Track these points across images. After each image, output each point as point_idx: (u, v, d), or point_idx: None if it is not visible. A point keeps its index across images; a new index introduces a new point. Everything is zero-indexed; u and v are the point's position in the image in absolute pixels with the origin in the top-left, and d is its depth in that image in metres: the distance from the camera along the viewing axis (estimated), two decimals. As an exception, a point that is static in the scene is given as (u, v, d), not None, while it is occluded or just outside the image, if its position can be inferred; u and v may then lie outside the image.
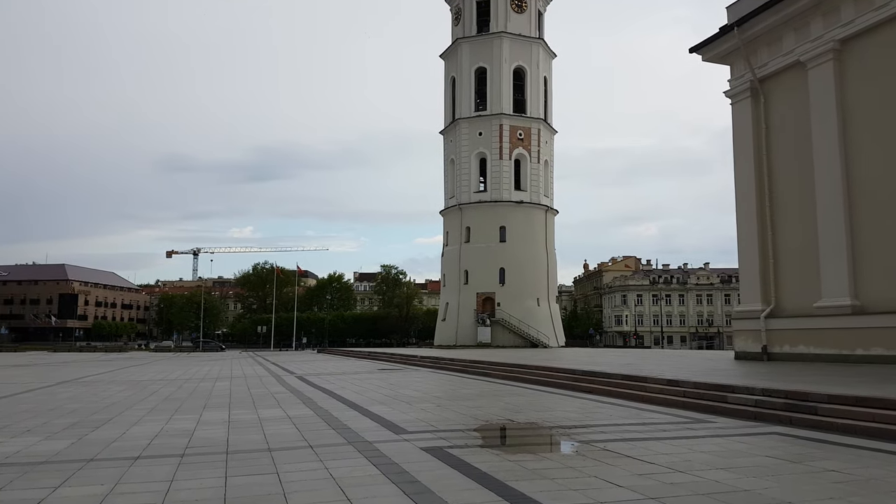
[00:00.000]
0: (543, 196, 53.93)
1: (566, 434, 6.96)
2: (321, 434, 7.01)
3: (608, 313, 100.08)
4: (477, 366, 18.38)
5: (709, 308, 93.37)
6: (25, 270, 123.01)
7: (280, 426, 7.72)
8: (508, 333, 50.28)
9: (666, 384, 10.33)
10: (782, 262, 18.47)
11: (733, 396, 9.01)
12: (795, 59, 17.90)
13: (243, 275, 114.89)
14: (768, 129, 19.13)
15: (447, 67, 56.98)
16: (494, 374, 16.18)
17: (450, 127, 55.72)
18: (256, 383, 15.94)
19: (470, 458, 5.51)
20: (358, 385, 14.40)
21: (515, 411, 8.89)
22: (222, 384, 15.77)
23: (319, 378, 17.42)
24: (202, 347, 73.11)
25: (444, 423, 7.80)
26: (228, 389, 13.92)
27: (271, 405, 10.27)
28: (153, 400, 11.56)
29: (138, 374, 20.72)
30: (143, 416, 8.96)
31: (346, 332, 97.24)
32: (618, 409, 9.01)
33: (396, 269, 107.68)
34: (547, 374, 13.82)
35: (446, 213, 56.11)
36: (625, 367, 14.64)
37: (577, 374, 12.76)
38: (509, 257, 51.47)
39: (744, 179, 19.65)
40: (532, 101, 53.30)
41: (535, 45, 53.65)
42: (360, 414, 8.78)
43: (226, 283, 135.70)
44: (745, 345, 19.18)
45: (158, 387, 15.16)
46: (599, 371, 12.45)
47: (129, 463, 5.53)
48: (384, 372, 19.50)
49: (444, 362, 21.61)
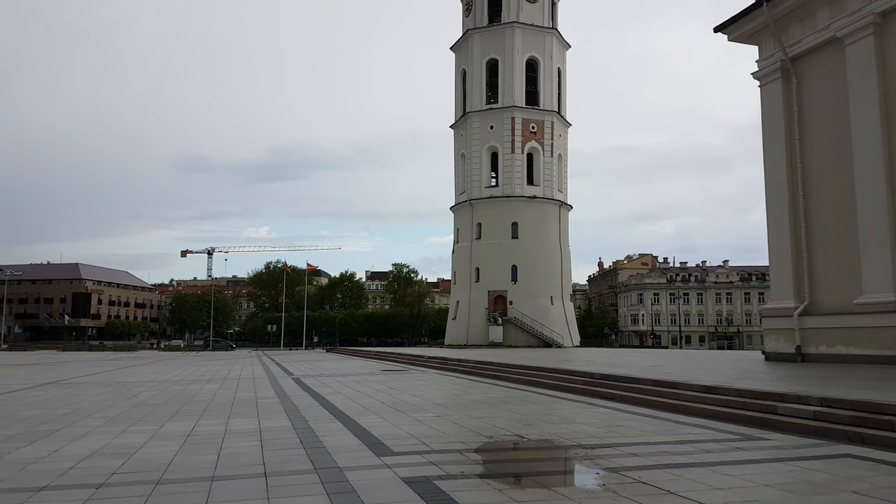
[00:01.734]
0: (557, 191, 52.29)
1: (588, 457, 5.62)
2: (287, 455, 5.74)
3: (624, 312, 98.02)
4: (486, 367, 17.04)
5: (728, 307, 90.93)
6: (39, 270, 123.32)
7: (244, 443, 6.46)
8: (521, 333, 48.80)
9: (702, 391, 8.95)
10: (817, 256, 17.06)
11: (784, 407, 7.63)
12: (831, 36, 16.49)
13: (256, 274, 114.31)
14: (801, 112, 17.71)
15: (458, 60, 55.55)
16: (504, 376, 14.84)
17: (460, 121, 54.24)
18: (247, 386, 14.78)
19: (463, 495, 4.21)
20: (354, 389, 13.15)
21: (526, 424, 7.56)
22: (211, 387, 14.62)
23: (316, 380, 16.23)
24: (212, 346, 72.32)
25: (440, 439, 6.50)
26: (213, 393, 12.74)
27: (248, 414, 9.02)
28: (123, 406, 10.37)
29: (130, 376, 19.63)
30: (97, 427, 7.76)
31: (357, 331, 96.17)
32: (647, 422, 7.65)
33: (408, 268, 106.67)
34: (562, 378, 12.46)
35: (457, 210, 54.63)
36: (648, 370, 13.26)
37: (597, 379, 11.39)
38: (522, 254, 49.95)
39: (774, 167, 18.21)
40: (545, 93, 51.66)
41: (549, 36, 52.00)
42: (343, 427, 7.50)
43: (239, 283, 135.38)
44: (776, 345, 17.80)
45: (142, 390, 14.04)
46: (622, 375, 11.07)
47: (23, 499, 4.29)
48: (387, 374, 18.23)
49: (451, 363, 20.29)
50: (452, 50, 56.05)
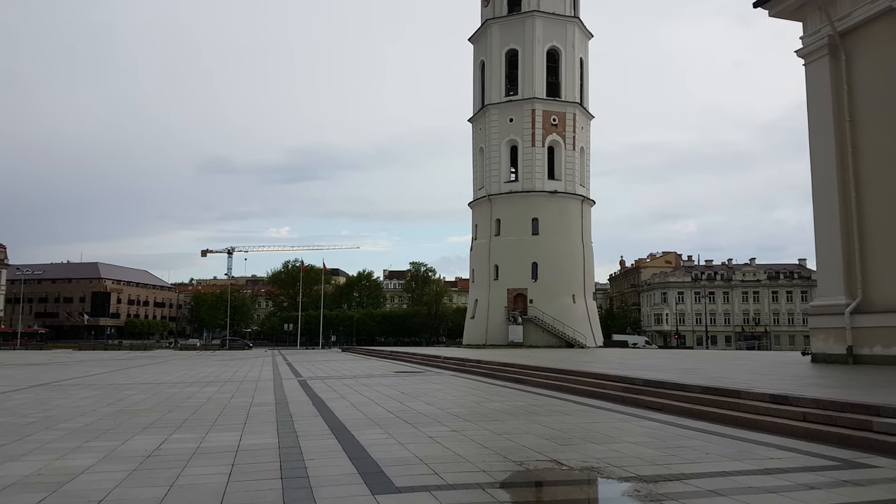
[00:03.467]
0: (579, 185, 50.49)
1: (654, 498, 4.20)
2: (256, 491, 4.40)
3: (647, 312, 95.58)
4: (508, 370, 15.62)
5: (755, 306, 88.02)
6: (59, 269, 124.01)
7: (210, 468, 5.14)
8: (542, 332, 47.19)
9: (769, 401, 7.47)
10: (871, 248, 15.53)
11: (882, 422, 6.15)
12: (886, 6, 15.04)
13: (274, 273, 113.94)
14: (851, 91, 16.18)
15: (476, 52, 54.01)
16: (529, 380, 13.42)
17: (479, 114, 52.66)
18: (247, 389, 13.57)
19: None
20: (362, 394, 11.84)
21: (562, 443, 6.16)
22: (208, 391, 13.44)
23: (323, 383, 14.98)
24: (228, 346, 71.69)
25: (456, 466, 5.12)
26: (207, 398, 11.54)
27: (233, 426, 7.73)
28: (99, 414, 9.16)
29: (130, 377, 18.54)
30: (50, 442, 6.52)
31: (374, 331, 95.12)
32: (712, 442, 6.20)
33: (426, 267, 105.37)
34: (596, 383, 11.01)
35: (475, 205, 53.09)
36: (687, 374, 11.79)
37: (638, 385, 9.92)
38: (542, 251, 48.28)
39: (822, 151, 16.65)
40: (567, 83, 49.88)
41: (570, 24, 50.22)
42: (338, 445, 6.16)
43: (258, 282, 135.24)
44: (823, 345, 16.28)
45: (132, 393, 12.91)
46: (668, 381, 9.60)
47: None
48: (400, 376, 16.91)
49: (470, 364, 18.90)
50: (470, 41, 54.52)
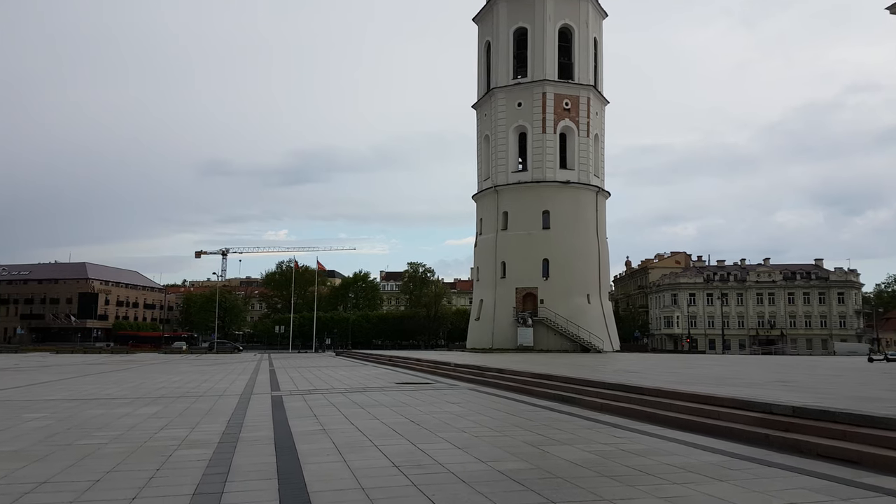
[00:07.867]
0: (594, 175, 46.51)
1: None
2: None
3: (655, 314, 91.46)
4: (549, 384, 11.78)
5: (770, 308, 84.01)
6: (46, 269, 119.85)
7: None
8: (554, 335, 43.26)
9: None
10: None
11: None
12: None
13: (268, 274, 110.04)
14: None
15: (481, 32, 50.09)
16: (586, 401, 9.61)
17: (484, 99, 48.70)
18: (196, 412, 9.89)
19: None
20: (353, 422, 8.09)
21: None
22: (141, 413, 9.81)
23: (303, 402, 11.26)
24: (216, 349, 67.71)
25: None
26: (118, 434, 7.78)
27: None
28: None
29: (62, 390, 14.71)
30: None
31: (371, 333, 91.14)
32: None
33: (424, 267, 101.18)
34: (706, 411, 7.19)
35: (480, 198, 49.11)
36: (814, 392, 8.02)
37: (782, 415, 6.10)
38: (554, 246, 44.32)
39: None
40: (580, 65, 45.94)
41: (584, 2, 46.39)
42: None
43: (252, 283, 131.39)
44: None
45: (33, 416, 9.17)
46: (840, 410, 5.79)
47: None
48: (404, 390, 13.09)
49: (491, 375, 15.07)
50: (475, 21, 50.67)
